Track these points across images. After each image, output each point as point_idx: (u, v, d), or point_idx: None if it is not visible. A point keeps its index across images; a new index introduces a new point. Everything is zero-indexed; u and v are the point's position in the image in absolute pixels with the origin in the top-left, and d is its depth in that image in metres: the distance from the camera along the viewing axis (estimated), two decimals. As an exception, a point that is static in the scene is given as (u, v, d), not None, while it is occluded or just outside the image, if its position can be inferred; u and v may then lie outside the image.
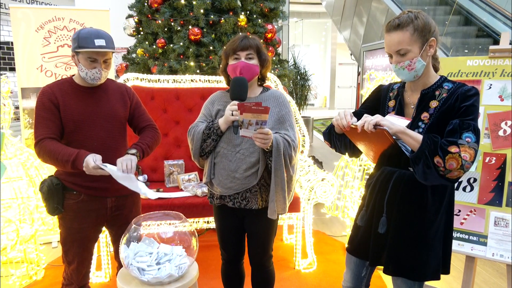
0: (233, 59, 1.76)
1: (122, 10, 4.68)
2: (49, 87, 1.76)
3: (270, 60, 1.84)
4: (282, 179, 1.72)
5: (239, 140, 1.73)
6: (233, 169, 1.74)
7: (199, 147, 1.77)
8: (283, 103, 1.82)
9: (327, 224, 3.80)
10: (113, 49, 1.74)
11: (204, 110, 1.87)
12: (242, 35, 1.77)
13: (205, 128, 1.75)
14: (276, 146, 1.67)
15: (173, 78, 3.17)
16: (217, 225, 1.94)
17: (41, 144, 1.68)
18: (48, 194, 1.75)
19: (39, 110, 1.72)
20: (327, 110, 16.76)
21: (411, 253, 1.45)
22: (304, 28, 16.50)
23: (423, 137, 1.32)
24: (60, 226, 1.83)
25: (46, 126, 1.70)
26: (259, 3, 4.08)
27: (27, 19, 3.13)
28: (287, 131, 1.77)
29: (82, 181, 1.77)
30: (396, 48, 1.40)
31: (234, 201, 1.79)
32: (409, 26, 1.37)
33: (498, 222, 1.99)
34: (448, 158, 1.28)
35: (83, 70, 1.72)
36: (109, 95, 1.84)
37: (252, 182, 1.74)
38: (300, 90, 8.64)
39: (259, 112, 1.51)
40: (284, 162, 1.71)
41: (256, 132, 1.56)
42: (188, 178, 2.90)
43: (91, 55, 1.69)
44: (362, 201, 1.65)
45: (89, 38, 1.67)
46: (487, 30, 5.63)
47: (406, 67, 1.41)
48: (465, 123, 1.33)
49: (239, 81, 1.70)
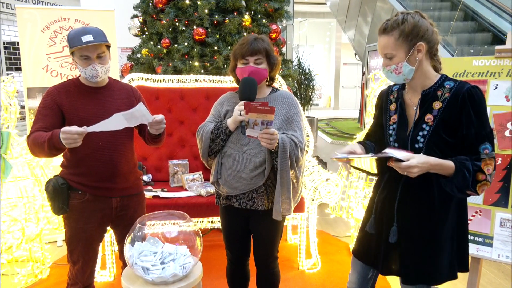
0: (241, 63, 1.75)
1: (127, 10, 4.70)
2: (55, 88, 1.78)
3: (280, 61, 1.83)
4: (287, 180, 1.71)
5: (246, 140, 1.73)
6: (240, 169, 1.73)
7: (208, 146, 1.77)
8: (291, 104, 1.81)
9: (331, 224, 3.79)
10: (103, 41, 1.72)
11: (214, 110, 1.88)
12: (251, 38, 1.75)
13: (213, 128, 1.75)
14: (282, 147, 1.66)
15: (178, 78, 3.17)
16: (223, 225, 1.93)
17: (29, 137, 1.69)
18: (53, 194, 1.75)
19: (40, 108, 1.74)
20: (332, 110, 16.72)
21: (426, 258, 1.43)
22: (309, 28, 16.47)
23: (453, 175, 1.33)
24: (65, 225, 1.84)
25: (40, 121, 1.71)
26: (264, 3, 4.08)
27: (33, 20, 3.15)
28: (295, 132, 1.76)
29: (87, 181, 1.77)
30: (382, 51, 1.41)
31: (240, 201, 1.79)
32: (394, 30, 1.36)
33: (503, 223, 1.98)
34: (479, 187, 1.34)
35: (81, 70, 1.73)
36: (115, 95, 1.84)
37: (259, 183, 1.74)
38: (305, 90, 8.63)
39: (265, 112, 1.51)
40: (290, 163, 1.69)
41: (262, 132, 1.56)
42: (192, 178, 2.90)
43: (82, 53, 1.69)
44: (370, 203, 1.62)
45: (76, 37, 1.68)
46: (493, 29, 5.60)
47: (393, 71, 1.41)
48: (481, 134, 1.34)
49: (248, 82, 1.69)
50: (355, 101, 16.74)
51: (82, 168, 1.78)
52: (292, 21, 8.42)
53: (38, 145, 1.64)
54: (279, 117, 1.76)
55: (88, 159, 1.77)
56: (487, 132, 1.35)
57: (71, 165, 1.80)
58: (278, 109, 1.76)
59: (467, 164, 1.33)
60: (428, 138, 1.39)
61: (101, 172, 1.78)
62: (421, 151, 1.39)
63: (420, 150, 1.39)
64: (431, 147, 1.38)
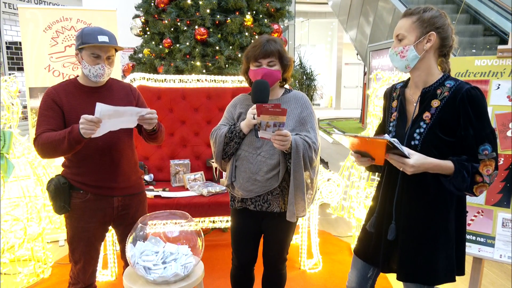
0: (254, 65, 1.74)
1: (129, 10, 4.71)
2: (54, 88, 1.77)
3: (292, 61, 1.82)
4: (301, 182, 1.70)
5: (260, 142, 1.72)
6: (254, 171, 1.72)
7: (222, 150, 1.76)
8: (305, 105, 1.79)
9: (332, 224, 3.79)
10: (115, 45, 1.75)
11: (227, 113, 1.87)
12: (264, 40, 1.72)
13: (227, 132, 1.74)
14: (296, 148, 1.65)
15: (179, 78, 3.17)
16: (234, 228, 1.90)
17: (38, 139, 1.69)
18: (55, 193, 1.76)
19: (42, 110, 1.74)
20: (333, 110, 16.71)
21: (423, 257, 1.43)
22: (310, 28, 16.46)
23: (453, 176, 1.34)
24: (67, 225, 1.84)
25: (46, 123, 1.71)
26: (265, 3, 4.07)
27: (35, 20, 3.16)
28: (308, 133, 1.74)
29: (88, 180, 1.78)
30: (396, 32, 1.43)
31: (256, 204, 1.78)
32: (414, 15, 1.39)
33: (505, 223, 1.98)
34: (476, 188, 1.36)
35: (86, 67, 1.73)
36: (114, 94, 1.84)
37: (274, 185, 1.73)
38: (306, 90, 8.63)
39: (277, 114, 1.49)
40: (304, 164, 1.68)
41: (274, 134, 1.55)
42: (194, 178, 2.91)
43: (94, 51, 1.70)
44: (372, 202, 1.64)
45: (92, 34, 1.69)
46: (495, 29, 5.59)
47: (399, 53, 1.42)
48: (480, 135, 1.34)
49: (260, 84, 1.68)
50: (356, 101, 16.75)
51: (83, 168, 1.78)
52: (293, 21, 8.41)
53: (54, 144, 1.63)
54: (293, 118, 1.75)
55: (89, 159, 1.77)
56: (487, 133, 1.35)
57: (72, 165, 1.80)
58: (291, 110, 1.76)
59: (466, 166, 1.33)
60: (424, 136, 1.39)
61: (103, 171, 1.79)
62: (416, 148, 1.39)
63: (416, 147, 1.40)
64: (427, 145, 1.38)
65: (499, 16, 5.62)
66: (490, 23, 5.71)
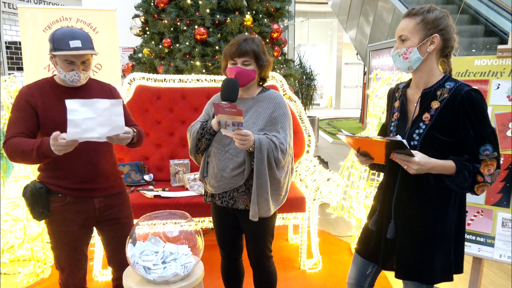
0: (230, 63, 1.76)
1: (129, 10, 4.71)
2: (28, 88, 1.68)
3: (271, 61, 1.82)
4: (264, 182, 1.69)
5: (228, 140, 1.74)
6: (221, 168, 1.75)
7: (195, 145, 1.80)
8: (278, 105, 1.78)
9: (332, 224, 3.79)
10: (90, 49, 1.64)
11: (204, 110, 1.91)
12: (241, 39, 1.74)
13: (199, 128, 1.78)
14: (259, 148, 1.65)
15: (179, 77, 3.17)
16: (213, 223, 1.96)
17: (7, 143, 1.61)
18: (32, 199, 1.69)
19: (13, 110, 1.66)
20: (333, 110, 16.71)
21: (419, 256, 1.44)
22: (310, 27, 16.47)
23: (455, 175, 1.35)
24: (49, 231, 1.78)
25: (16, 125, 1.63)
26: (265, 2, 4.08)
27: (35, 19, 3.16)
28: (278, 133, 1.74)
29: (67, 183, 1.71)
30: (399, 33, 1.42)
31: (222, 199, 1.81)
32: (418, 16, 1.38)
33: (505, 223, 1.98)
34: (478, 188, 1.36)
35: (61, 73, 1.65)
36: (92, 95, 1.72)
37: (239, 182, 1.74)
38: (306, 90, 8.62)
39: (233, 114, 1.51)
40: (268, 164, 1.68)
41: (234, 132, 1.57)
42: (193, 178, 2.90)
43: (67, 58, 1.61)
44: (374, 201, 1.65)
45: (63, 39, 1.59)
46: (495, 29, 5.59)
47: (401, 55, 1.41)
48: (481, 136, 1.34)
49: (229, 83, 1.69)
50: (356, 101, 16.76)
51: (61, 171, 1.71)
52: (293, 20, 8.42)
53: (22, 153, 1.57)
54: (264, 117, 1.76)
55: (67, 161, 1.68)
56: (487, 133, 1.35)
57: (49, 168, 1.72)
58: (263, 109, 1.77)
59: (468, 166, 1.34)
60: (423, 137, 1.40)
61: (82, 173, 1.72)
62: (416, 148, 1.40)
63: (415, 148, 1.40)
64: (426, 146, 1.39)
65: (499, 16, 5.62)
66: (490, 23, 5.71)
